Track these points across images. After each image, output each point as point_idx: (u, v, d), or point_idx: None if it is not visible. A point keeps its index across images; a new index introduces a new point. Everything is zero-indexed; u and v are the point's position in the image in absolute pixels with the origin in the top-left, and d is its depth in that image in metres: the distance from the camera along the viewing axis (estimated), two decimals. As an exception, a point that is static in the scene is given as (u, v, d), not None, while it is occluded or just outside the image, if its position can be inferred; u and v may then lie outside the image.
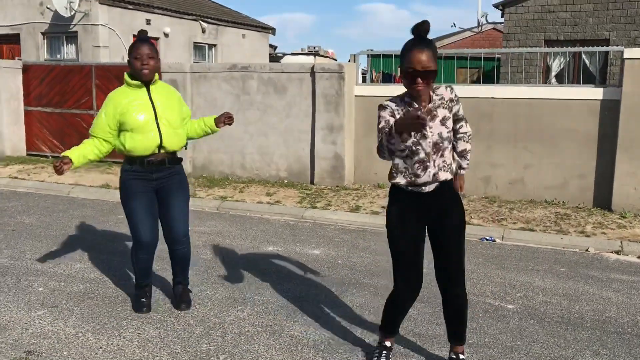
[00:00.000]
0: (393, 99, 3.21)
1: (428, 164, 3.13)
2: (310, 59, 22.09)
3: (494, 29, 24.84)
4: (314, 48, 23.47)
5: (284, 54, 23.29)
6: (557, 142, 7.96)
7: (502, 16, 14.38)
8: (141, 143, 3.88)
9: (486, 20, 15.98)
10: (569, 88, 8.21)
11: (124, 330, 3.84)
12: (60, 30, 15.33)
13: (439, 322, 4.07)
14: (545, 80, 13.82)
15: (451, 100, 3.20)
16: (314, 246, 6.08)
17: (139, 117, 3.86)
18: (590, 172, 7.82)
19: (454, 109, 3.23)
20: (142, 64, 3.84)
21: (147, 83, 3.95)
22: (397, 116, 3.10)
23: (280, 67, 9.29)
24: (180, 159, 4.14)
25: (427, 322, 4.11)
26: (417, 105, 3.11)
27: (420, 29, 3.03)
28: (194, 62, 17.33)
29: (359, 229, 6.92)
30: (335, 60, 24.21)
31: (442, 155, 3.16)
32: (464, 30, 25.70)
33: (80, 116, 11.00)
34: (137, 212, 3.97)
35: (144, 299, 4.19)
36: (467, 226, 3.55)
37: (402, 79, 3.09)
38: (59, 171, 3.72)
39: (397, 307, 3.42)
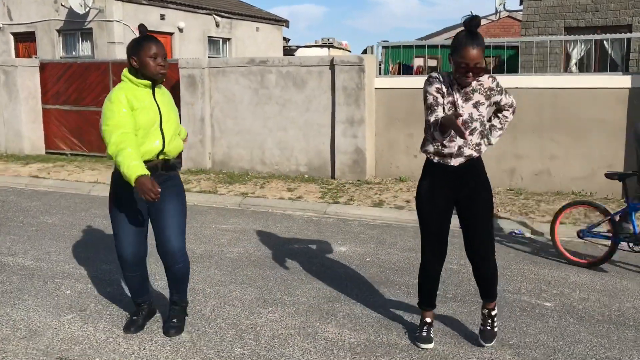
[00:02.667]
0: (441, 74, 3.45)
1: (455, 138, 3.39)
2: (324, 51, 21.95)
3: (509, 16, 24.54)
4: (328, 40, 23.27)
5: (298, 47, 23.14)
6: (583, 132, 7.78)
7: (521, 4, 14.12)
8: (144, 148, 3.47)
9: (504, 7, 15.71)
10: (595, 76, 8.01)
11: (155, 334, 3.76)
12: (75, 27, 15.32)
13: (476, 322, 3.96)
14: (566, 68, 13.58)
15: (490, 89, 3.45)
16: (340, 243, 5.98)
17: (148, 120, 3.47)
18: (619, 162, 7.64)
19: (494, 98, 3.50)
20: (159, 65, 3.48)
21: (154, 84, 3.58)
22: (445, 91, 3.37)
23: (299, 60, 9.17)
24: (176, 166, 3.72)
25: (465, 322, 3.99)
26: (458, 112, 3.37)
27: (472, 24, 3.24)
28: (209, 57, 17.27)
29: (384, 224, 6.81)
30: (350, 51, 24.03)
31: (470, 134, 3.43)
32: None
33: (98, 113, 10.94)
34: (120, 224, 3.59)
35: (135, 317, 3.84)
36: (494, 220, 3.74)
37: (453, 69, 3.34)
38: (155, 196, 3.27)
39: (427, 277, 3.68)
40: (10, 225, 6.58)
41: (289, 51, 22.18)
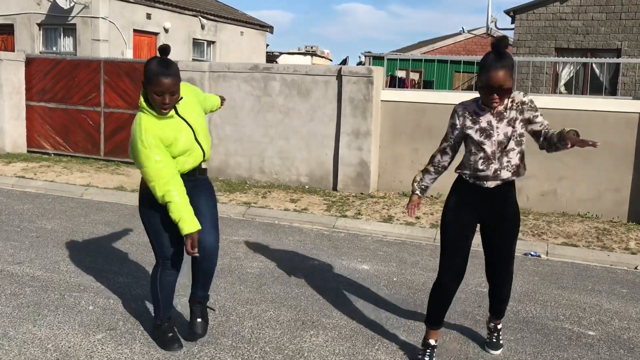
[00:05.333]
0: (466, 103, 3.45)
1: (492, 160, 3.37)
2: (307, 59, 21.80)
3: (489, 35, 24.84)
4: (311, 48, 23.12)
5: (281, 53, 22.92)
6: (592, 154, 7.79)
7: (512, 22, 14.25)
8: (190, 165, 3.48)
9: (495, 26, 15.85)
10: (606, 100, 8.06)
11: (199, 359, 3.51)
12: (58, 22, 14.81)
13: (527, 351, 3.82)
14: (555, 89, 13.74)
15: (522, 102, 3.37)
16: (360, 260, 5.80)
17: (183, 142, 3.38)
18: (626, 185, 7.68)
19: (527, 114, 3.38)
20: (163, 103, 3.25)
21: None
22: (466, 116, 3.40)
23: (305, 69, 8.98)
24: (206, 169, 3.72)
25: (514, 350, 3.86)
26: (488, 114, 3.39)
27: (499, 45, 3.21)
28: (193, 59, 16.93)
29: (397, 241, 6.65)
30: (331, 60, 23.94)
31: (507, 155, 3.37)
32: (458, 34, 25.69)
33: (86, 113, 10.54)
34: (163, 228, 3.50)
35: (171, 334, 3.64)
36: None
37: (480, 92, 3.31)
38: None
39: (440, 295, 3.57)
40: (8, 230, 6.18)
41: (271, 57, 21.96)
